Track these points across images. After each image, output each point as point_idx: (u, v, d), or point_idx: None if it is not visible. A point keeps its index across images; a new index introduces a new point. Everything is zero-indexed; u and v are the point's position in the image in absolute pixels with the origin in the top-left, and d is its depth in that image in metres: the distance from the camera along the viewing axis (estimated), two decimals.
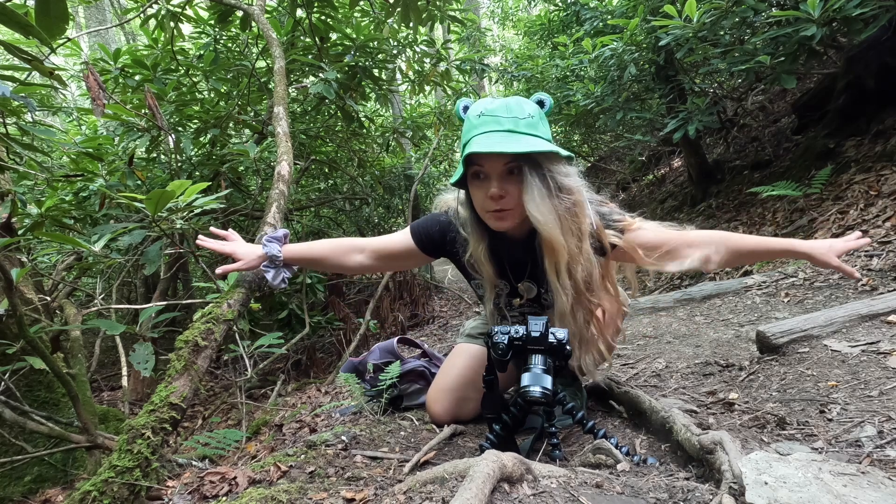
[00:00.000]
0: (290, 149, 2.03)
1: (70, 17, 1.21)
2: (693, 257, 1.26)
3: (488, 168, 1.18)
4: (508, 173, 1.17)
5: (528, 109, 1.18)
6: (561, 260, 1.18)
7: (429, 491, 0.83)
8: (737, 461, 0.74)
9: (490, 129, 1.16)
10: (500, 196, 1.17)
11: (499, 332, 1.13)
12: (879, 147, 3.20)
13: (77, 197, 2.90)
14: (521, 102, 1.19)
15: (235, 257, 1.40)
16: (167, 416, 1.14)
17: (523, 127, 1.16)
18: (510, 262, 1.35)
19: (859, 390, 1.23)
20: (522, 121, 1.16)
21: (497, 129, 1.15)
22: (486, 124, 1.17)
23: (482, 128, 1.17)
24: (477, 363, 1.49)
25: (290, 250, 1.43)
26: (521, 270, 1.37)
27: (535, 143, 1.14)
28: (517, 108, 1.17)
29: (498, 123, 1.16)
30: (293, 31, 3.32)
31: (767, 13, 2.99)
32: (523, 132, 1.15)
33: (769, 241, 1.28)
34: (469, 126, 1.20)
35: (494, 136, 1.14)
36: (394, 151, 5.42)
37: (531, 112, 1.18)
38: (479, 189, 1.21)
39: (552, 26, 6.02)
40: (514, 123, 1.15)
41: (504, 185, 1.17)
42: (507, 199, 1.18)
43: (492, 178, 1.18)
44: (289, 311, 3.86)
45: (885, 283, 2.08)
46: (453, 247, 1.36)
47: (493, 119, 1.16)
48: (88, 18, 8.27)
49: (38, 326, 1.74)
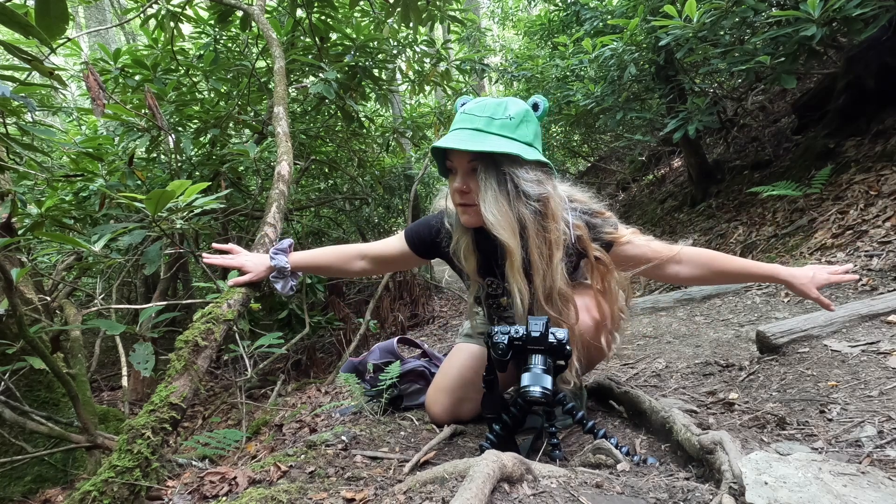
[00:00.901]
0: (290, 149, 2.03)
1: (70, 17, 1.21)
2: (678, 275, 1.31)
3: (456, 163, 1.22)
4: (472, 171, 1.20)
5: (511, 111, 1.19)
6: (514, 263, 1.19)
7: (429, 491, 0.83)
8: (737, 461, 0.74)
9: (461, 127, 1.19)
10: (463, 191, 1.21)
11: (499, 332, 1.13)
12: (879, 147, 3.20)
13: (77, 197, 2.90)
14: (507, 104, 1.20)
15: (244, 270, 1.45)
16: (167, 416, 1.14)
17: (495, 127, 1.17)
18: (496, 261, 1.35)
19: (859, 390, 1.23)
20: (497, 121, 1.17)
21: (466, 127, 1.18)
22: (462, 122, 1.20)
23: (457, 124, 1.21)
24: (476, 363, 1.49)
25: (296, 260, 1.49)
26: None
27: (496, 143, 1.15)
28: (496, 109, 1.19)
29: (470, 122, 1.18)
30: (293, 31, 3.32)
31: (767, 13, 2.99)
32: (492, 132, 1.17)
33: (754, 265, 1.32)
34: (454, 122, 1.24)
35: (461, 133, 1.18)
36: (394, 151, 5.42)
37: (513, 114, 1.18)
38: (452, 183, 1.25)
39: (552, 26, 6.02)
40: (485, 123, 1.17)
41: (468, 181, 1.20)
42: (470, 195, 1.21)
43: (458, 174, 1.22)
44: (289, 311, 3.86)
45: (885, 283, 2.08)
46: (443, 244, 1.39)
47: (468, 117, 1.19)
48: (88, 18, 8.28)
49: (38, 326, 1.74)
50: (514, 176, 1.16)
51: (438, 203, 1.46)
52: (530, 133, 1.21)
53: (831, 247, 2.73)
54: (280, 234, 1.71)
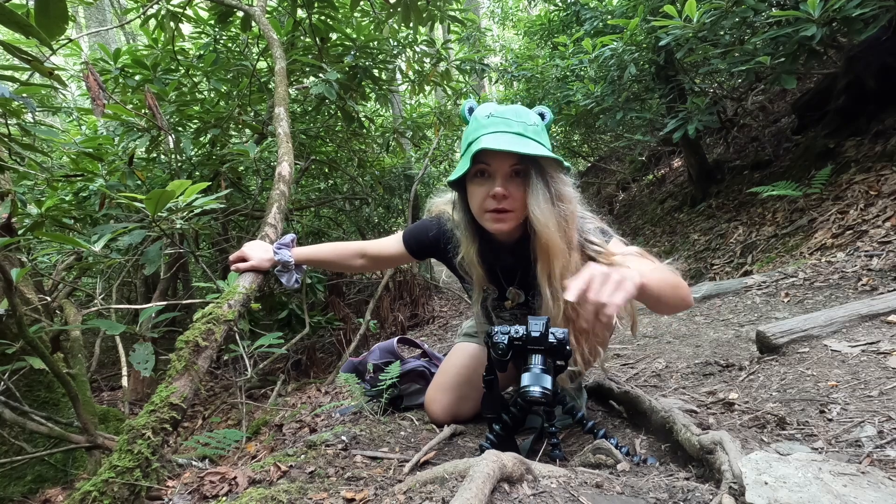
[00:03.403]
0: (290, 149, 2.03)
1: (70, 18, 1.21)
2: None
3: (494, 167, 1.19)
4: (513, 175, 1.20)
5: (533, 118, 1.21)
6: (556, 266, 1.19)
7: (429, 491, 0.83)
8: (737, 461, 0.74)
9: (500, 130, 1.17)
10: (504, 196, 1.19)
11: (499, 332, 1.13)
12: (879, 147, 3.20)
13: (77, 197, 2.90)
14: (527, 111, 1.22)
15: (246, 256, 1.49)
16: (167, 416, 1.14)
17: (531, 133, 1.18)
18: (501, 267, 1.37)
19: (859, 390, 1.23)
20: (530, 127, 1.19)
21: (507, 131, 1.17)
22: (496, 125, 1.18)
23: (491, 127, 1.18)
24: (475, 362, 1.49)
25: (298, 255, 1.54)
26: (511, 276, 1.38)
27: (541, 148, 1.17)
28: (525, 115, 1.21)
29: (507, 125, 1.18)
30: (293, 31, 3.32)
31: (767, 13, 2.99)
32: (531, 137, 1.18)
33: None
34: (476, 126, 1.21)
35: (505, 136, 1.16)
36: (394, 151, 5.42)
37: (536, 122, 1.21)
38: (480, 187, 1.22)
39: (552, 26, 6.02)
40: (522, 128, 1.18)
41: (508, 185, 1.19)
42: (510, 200, 1.20)
43: (496, 177, 1.19)
44: (289, 311, 3.86)
45: (885, 283, 2.08)
46: (447, 251, 1.40)
47: (503, 121, 1.18)
48: (88, 18, 8.28)
49: (38, 326, 1.74)
50: (556, 180, 1.19)
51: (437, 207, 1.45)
52: (548, 141, 1.24)
53: (831, 247, 2.73)
54: (280, 234, 1.71)
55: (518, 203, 1.20)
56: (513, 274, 1.38)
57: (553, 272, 1.20)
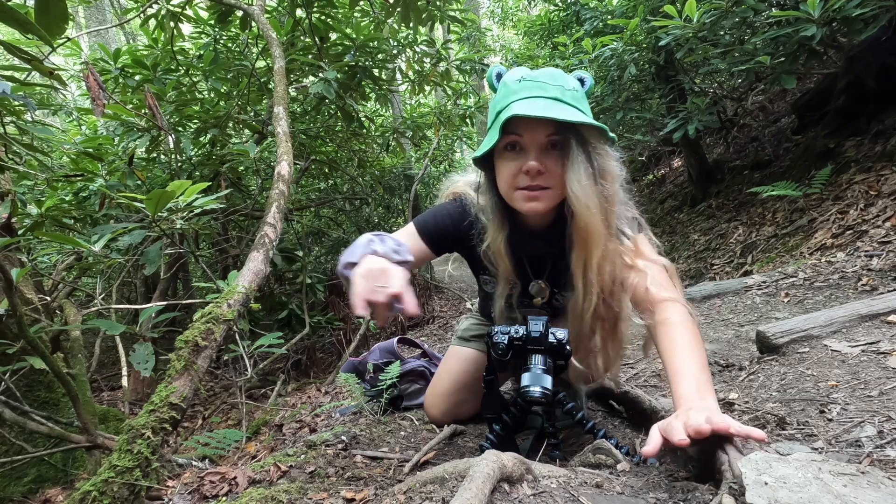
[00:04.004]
0: (289, 149, 2.03)
1: (70, 17, 1.21)
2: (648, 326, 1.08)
3: (527, 139, 1.03)
4: (550, 147, 1.03)
5: (571, 83, 1.05)
6: (594, 254, 1.04)
7: (429, 491, 0.83)
8: (737, 461, 0.74)
9: (534, 95, 1.01)
10: (539, 171, 1.03)
11: (499, 332, 1.13)
12: (879, 147, 3.20)
13: (77, 197, 2.90)
14: (565, 75, 1.06)
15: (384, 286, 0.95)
16: (167, 416, 1.14)
17: (569, 98, 1.02)
18: (529, 256, 1.22)
19: (859, 390, 1.22)
20: (569, 92, 1.03)
21: (542, 95, 1.01)
22: (529, 89, 1.02)
23: (523, 93, 1.02)
24: (471, 367, 1.49)
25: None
26: (539, 267, 1.24)
27: (583, 116, 1.00)
28: (563, 79, 1.04)
29: (542, 89, 1.02)
30: (293, 30, 3.32)
31: (767, 13, 2.99)
32: (569, 103, 1.01)
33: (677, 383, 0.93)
34: (506, 92, 1.05)
35: (539, 101, 1.00)
36: (394, 151, 5.42)
37: (574, 86, 1.05)
38: (511, 162, 1.06)
39: (552, 26, 6.01)
40: (560, 92, 1.01)
41: (543, 159, 1.03)
42: (546, 175, 1.04)
43: (530, 150, 1.03)
44: (289, 311, 3.86)
45: (885, 283, 2.08)
46: (468, 238, 1.21)
47: (536, 84, 1.02)
48: (88, 18, 8.27)
49: (38, 326, 1.74)
50: (601, 154, 1.03)
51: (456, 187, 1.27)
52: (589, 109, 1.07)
53: (831, 247, 2.73)
54: (280, 234, 1.71)
55: (556, 179, 1.03)
56: (541, 265, 1.23)
57: (590, 261, 1.05)
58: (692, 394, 0.88)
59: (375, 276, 0.89)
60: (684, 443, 0.77)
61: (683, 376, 0.93)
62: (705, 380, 0.92)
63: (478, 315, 1.62)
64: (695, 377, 0.92)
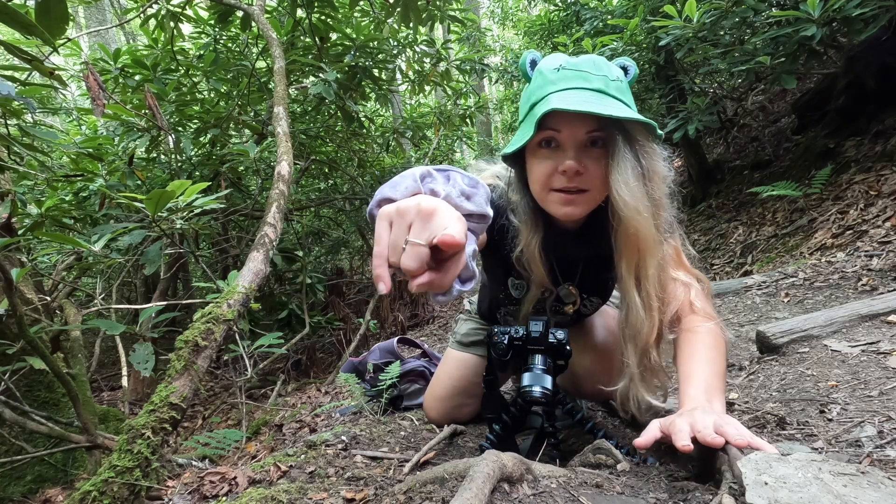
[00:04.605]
0: (289, 149, 2.03)
1: (70, 17, 1.21)
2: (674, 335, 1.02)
3: (566, 135, 0.92)
4: (590, 144, 0.93)
5: (615, 72, 0.95)
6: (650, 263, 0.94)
7: (429, 491, 0.83)
8: (737, 461, 0.74)
9: (575, 86, 0.91)
10: (577, 171, 0.92)
11: (499, 332, 1.13)
12: (879, 147, 3.20)
13: (77, 197, 2.90)
14: (607, 63, 0.96)
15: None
16: (167, 416, 1.14)
17: (613, 90, 0.92)
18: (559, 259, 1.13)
19: (859, 390, 1.22)
20: (613, 83, 0.92)
21: (584, 87, 0.91)
22: (569, 80, 0.92)
23: (562, 83, 0.92)
24: (470, 373, 1.48)
25: None
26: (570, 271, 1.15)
27: (628, 110, 0.91)
28: (606, 67, 0.94)
29: (585, 80, 0.91)
30: (293, 31, 3.32)
31: (767, 13, 2.99)
32: (614, 96, 0.91)
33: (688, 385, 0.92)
34: (542, 82, 0.95)
35: (582, 93, 0.90)
36: (394, 151, 5.42)
37: (618, 76, 0.95)
38: (546, 161, 0.95)
39: (552, 26, 6.01)
40: (604, 83, 0.91)
41: (582, 158, 0.93)
42: (585, 176, 0.93)
43: (567, 148, 0.93)
44: (289, 311, 3.86)
45: (885, 283, 2.08)
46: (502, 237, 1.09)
47: (577, 74, 0.92)
48: (88, 18, 8.27)
49: (38, 326, 1.74)
50: (649, 152, 0.92)
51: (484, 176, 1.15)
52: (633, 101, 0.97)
53: (831, 247, 2.73)
54: (280, 234, 1.71)
55: (596, 181, 0.93)
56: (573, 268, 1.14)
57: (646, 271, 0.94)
58: (699, 395, 0.86)
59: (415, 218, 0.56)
60: (687, 449, 0.74)
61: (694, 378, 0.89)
62: (718, 386, 0.89)
63: (477, 318, 1.60)
64: (706, 381, 0.88)
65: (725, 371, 0.94)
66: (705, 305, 1.03)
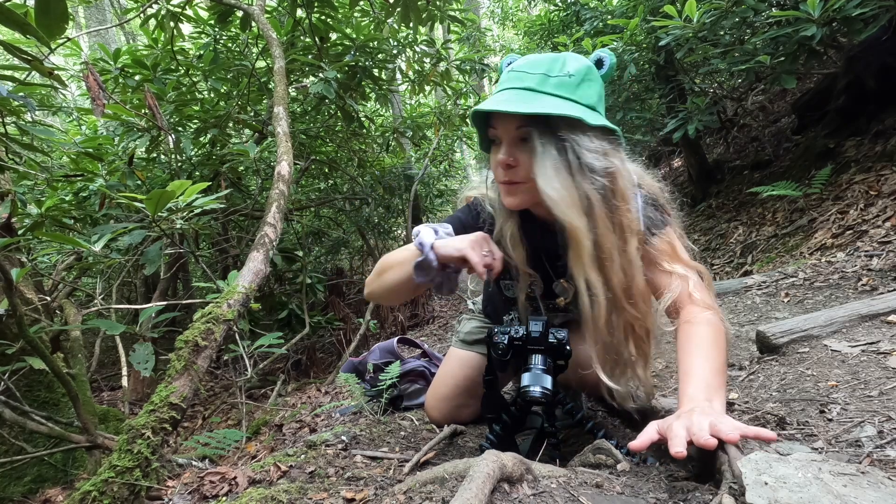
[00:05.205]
0: (289, 149, 2.03)
1: (70, 17, 1.21)
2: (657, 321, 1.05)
3: (501, 132, 1.01)
4: (521, 140, 0.99)
5: (570, 68, 0.98)
6: (583, 251, 0.97)
7: (429, 491, 0.83)
8: (737, 461, 0.74)
9: (509, 86, 0.99)
10: (508, 165, 1.01)
11: (499, 331, 1.13)
12: (879, 147, 3.20)
13: (77, 197, 2.90)
14: (565, 59, 0.99)
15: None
16: (167, 416, 1.14)
17: (551, 86, 0.96)
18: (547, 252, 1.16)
19: (859, 390, 1.22)
20: (553, 79, 0.96)
21: (515, 87, 0.98)
22: (510, 80, 1.00)
23: (503, 84, 1.01)
24: (473, 373, 1.48)
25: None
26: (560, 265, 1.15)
27: (552, 104, 0.94)
28: (552, 65, 0.98)
29: (519, 80, 0.98)
30: (293, 31, 3.32)
31: (767, 13, 2.99)
32: (548, 92, 0.96)
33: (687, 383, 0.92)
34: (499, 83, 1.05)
35: (510, 93, 0.97)
36: (394, 151, 5.42)
37: (573, 71, 0.97)
38: (494, 156, 1.04)
39: (552, 26, 6.01)
40: (538, 81, 0.97)
41: (514, 152, 1.00)
42: (518, 169, 1.01)
43: (503, 143, 1.02)
44: (289, 311, 3.86)
45: (885, 283, 2.08)
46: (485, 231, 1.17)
47: (516, 75, 0.99)
48: (88, 18, 8.27)
49: (38, 326, 1.74)
50: (576, 145, 0.95)
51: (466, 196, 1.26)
52: (593, 94, 1.00)
53: (831, 247, 2.73)
54: (280, 234, 1.71)
55: (527, 173, 1.00)
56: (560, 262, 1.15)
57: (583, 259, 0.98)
58: (698, 395, 0.86)
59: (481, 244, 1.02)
60: (680, 456, 0.74)
61: (693, 376, 0.90)
62: (717, 384, 0.89)
63: (480, 317, 1.61)
64: (705, 379, 0.89)
65: (725, 365, 0.94)
66: (705, 296, 1.03)
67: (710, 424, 0.76)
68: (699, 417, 0.79)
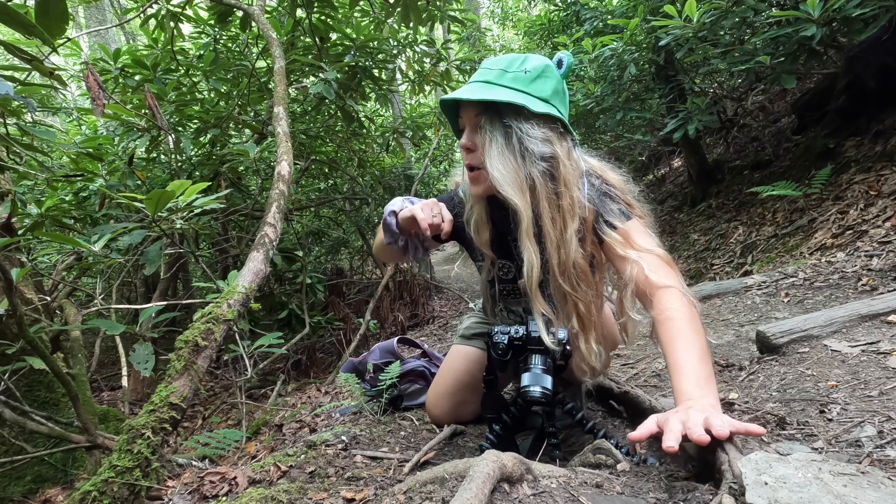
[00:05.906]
0: (290, 149, 2.03)
1: (70, 17, 1.21)
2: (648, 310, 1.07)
3: (464, 119, 1.15)
4: (480, 127, 1.11)
5: (528, 65, 1.10)
6: (522, 226, 1.08)
7: (429, 491, 0.83)
8: (737, 461, 0.74)
9: (473, 80, 1.13)
10: (468, 148, 1.13)
11: (499, 332, 1.13)
12: (879, 147, 3.20)
13: (77, 197, 2.90)
14: (526, 59, 1.11)
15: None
16: (167, 416, 1.14)
17: (506, 80, 1.09)
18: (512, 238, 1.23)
19: (859, 390, 1.22)
20: (510, 74, 1.09)
21: (477, 80, 1.12)
22: (476, 76, 1.14)
23: (471, 79, 1.15)
24: (474, 367, 1.48)
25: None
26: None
27: (501, 93, 1.07)
28: (511, 62, 1.11)
29: (482, 75, 1.12)
30: (293, 31, 3.32)
31: (767, 13, 2.99)
32: (503, 84, 1.08)
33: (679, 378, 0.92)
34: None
35: (470, 86, 1.11)
36: (394, 151, 5.42)
37: (529, 68, 1.10)
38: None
39: (552, 26, 6.01)
40: (497, 76, 1.10)
41: (474, 137, 1.13)
42: (476, 153, 1.12)
43: (466, 129, 1.14)
44: (289, 311, 3.86)
45: (885, 283, 2.08)
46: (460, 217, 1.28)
47: (482, 71, 1.13)
48: (88, 18, 8.27)
49: (38, 326, 1.74)
50: (519, 130, 1.06)
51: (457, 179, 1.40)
52: (548, 89, 1.10)
53: (831, 247, 2.73)
54: (280, 234, 1.71)
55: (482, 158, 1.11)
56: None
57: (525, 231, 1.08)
58: (692, 389, 0.89)
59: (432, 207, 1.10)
60: (671, 450, 0.77)
61: (683, 371, 0.92)
62: (706, 374, 0.91)
63: (480, 314, 1.62)
64: (694, 371, 0.91)
65: (707, 344, 0.97)
66: (661, 276, 1.05)
67: (704, 420, 0.79)
68: (695, 414, 0.81)
